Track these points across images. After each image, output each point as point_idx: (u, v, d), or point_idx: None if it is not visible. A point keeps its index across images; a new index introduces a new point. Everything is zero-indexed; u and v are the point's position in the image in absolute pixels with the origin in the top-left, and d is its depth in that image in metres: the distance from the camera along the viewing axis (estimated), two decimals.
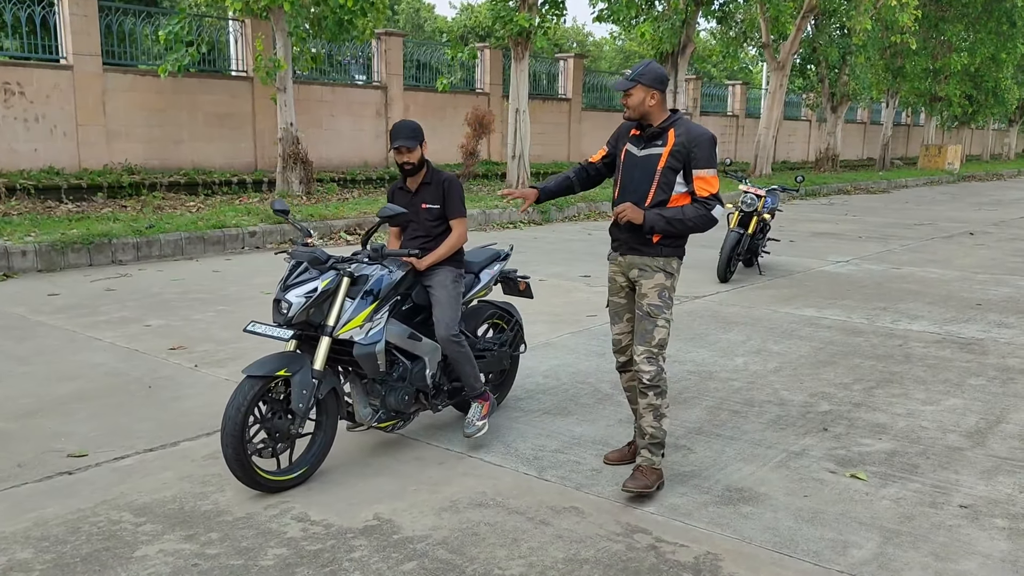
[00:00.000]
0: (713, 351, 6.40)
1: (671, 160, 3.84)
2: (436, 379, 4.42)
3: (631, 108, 3.89)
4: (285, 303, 3.81)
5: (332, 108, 18.75)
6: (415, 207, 4.52)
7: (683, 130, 3.87)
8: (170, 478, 3.92)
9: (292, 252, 4.00)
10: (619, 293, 4.10)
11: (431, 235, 4.54)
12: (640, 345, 3.88)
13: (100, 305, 7.62)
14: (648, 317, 3.88)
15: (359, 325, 3.97)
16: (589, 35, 52.39)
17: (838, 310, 7.93)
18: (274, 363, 3.75)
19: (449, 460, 4.22)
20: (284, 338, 3.82)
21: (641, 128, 3.98)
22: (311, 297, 3.81)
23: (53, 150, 14.63)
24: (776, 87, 24.37)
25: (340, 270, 3.94)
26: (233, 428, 3.58)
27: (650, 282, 3.90)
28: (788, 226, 14.91)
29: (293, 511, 3.61)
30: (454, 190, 4.55)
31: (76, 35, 14.72)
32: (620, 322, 4.13)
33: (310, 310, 3.84)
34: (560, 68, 24.78)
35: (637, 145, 3.99)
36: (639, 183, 3.91)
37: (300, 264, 3.93)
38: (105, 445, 4.31)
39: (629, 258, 3.98)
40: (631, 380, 4.12)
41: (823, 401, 5.26)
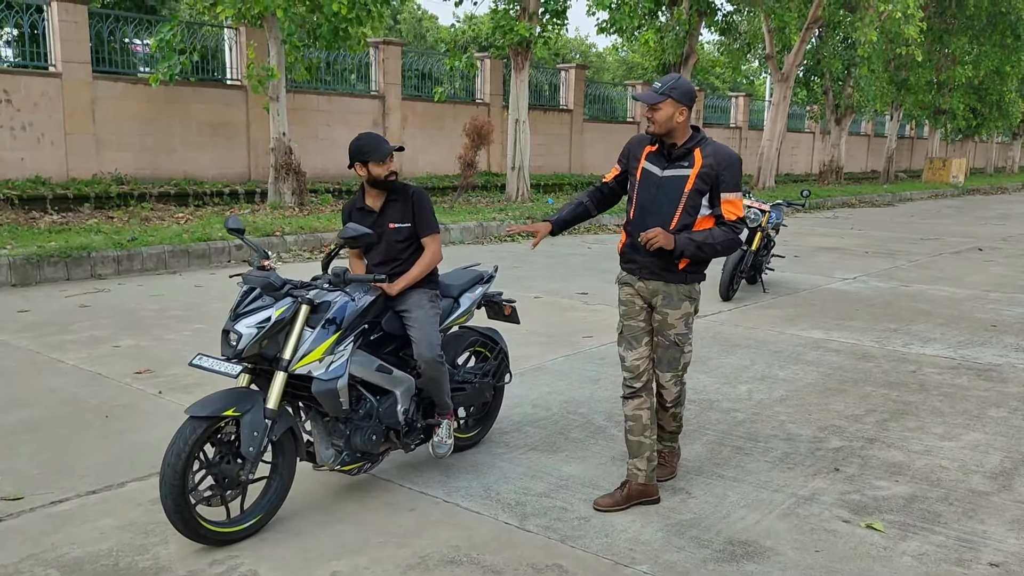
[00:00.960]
0: (715, 377, 6.01)
1: (699, 183, 3.70)
2: (409, 415, 4.02)
3: (658, 123, 3.66)
4: (234, 334, 3.41)
5: (328, 118, 18.42)
6: (381, 228, 4.09)
7: (710, 151, 3.71)
8: (110, 526, 3.53)
9: (244, 276, 3.61)
10: (637, 316, 3.91)
11: (400, 258, 4.12)
12: (668, 372, 3.92)
13: (70, 323, 7.24)
14: (676, 346, 3.88)
15: (318, 359, 3.55)
16: (592, 46, 52.13)
17: (846, 332, 7.54)
18: (221, 402, 3.36)
19: (422, 506, 3.82)
20: (232, 374, 3.42)
21: (661, 145, 3.74)
22: (263, 328, 3.42)
23: (40, 159, 14.29)
24: (780, 99, 24.03)
25: (297, 297, 3.54)
26: (172, 476, 3.19)
27: (676, 312, 3.83)
28: (792, 240, 14.52)
29: (241, 568, 3.22)
30: (424, 204, 4.14)
31: (65, 42, 14.41)
32: (639, 347, 3.89)
33: (263, 342, 3.45)
34: (562, 79, 24.45)
35: (658, 164, 3.77)
36: (663, 205, 3.73)
37: (252, 290, 3.54)
38: (45, 486, 3.92)
39: (653, 285, 3.83)
40: (639, 408, 3.89)
41: (833, 436, 4.87)
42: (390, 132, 19.45)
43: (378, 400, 3.89)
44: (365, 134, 4.11)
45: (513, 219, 14.77)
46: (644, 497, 3.88)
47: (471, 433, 4.56)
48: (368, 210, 4.14)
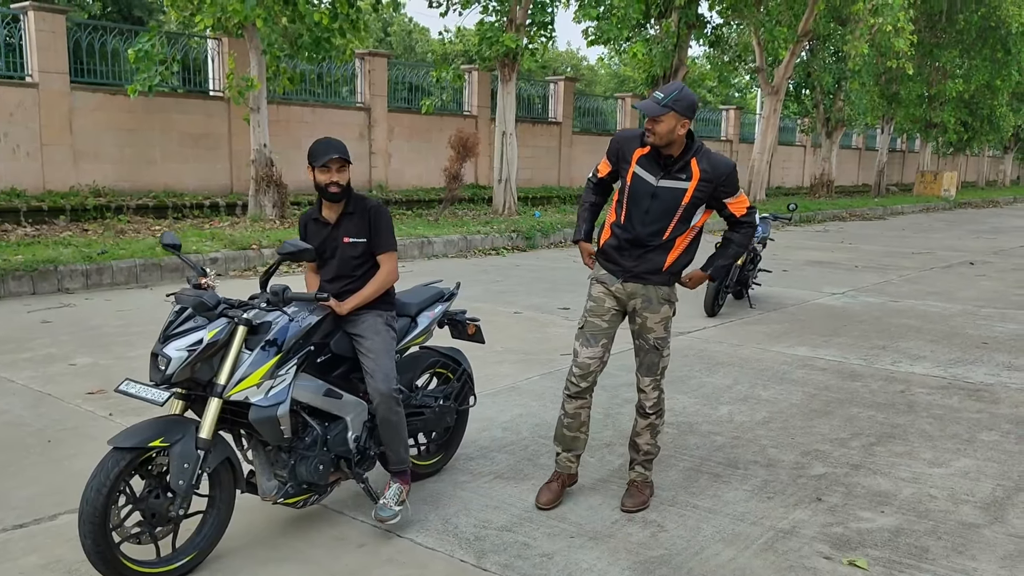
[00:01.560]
0: (695, 398, 5.76)
1: (696, 195, 3.66)
2: (361, 443, 3.75)
3: (658, 135, 3.54)
4: (163, 358, 3.13)
5: (313, 129, 18.13)
6: (335, 242, 3.82)
7: (706, 164, 3.66)
8: (32, 565, 3.26)
9: (176, 295, 3.34)
10: (603, 316, 3.85)
11: (355, 275, 3.83)
12: (647, 376, 3.90)
13: (29, 339, 6.96)
14: (655, 350, 3.86)
15: (256, 384, 3.27)
16: (584, 59, 52.13)
17: (834, 349, 7.30)
18: (148, 431, 3.09)
19: (373, 541, 3.55)
20: (158, 402, 3.15)
21: (655, 152, 3.62)
22: (195, 351, 3.14)
23: (15, 170, 14.00)
24: (770, 112, 23.88)
25: (233, 317, 3.28)
26: (92, 513, 2.91)
27: (656, 316, 3.82)
28: (782, 254, 14.31)
29: None
30: (382, 220, 3.85)
31: (42, 51, 14.16)
32: (595, 346, 3.85)
33: (195, 366, 3.18)
34: (551, 91, 24.29)
35: (652, 172, 3.66)
36: (657, 215, 3.68)
37: (185, 310, 3.27)
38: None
39: (631, 286, 3.79)
40: (580, 408, 3.92)
41: (817, 462, 4.62)
42: (376, 144, 19.25)
43: (326, 427, 3.63)
44: (325, 138, 3.83)
45: (499, 232, 14.54)
46: (573, 483, 4.07)
47: (432, 460, 4.30)
48: (323, 222, 3.86)
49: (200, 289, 3.45)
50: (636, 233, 3.72)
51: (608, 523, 3.77)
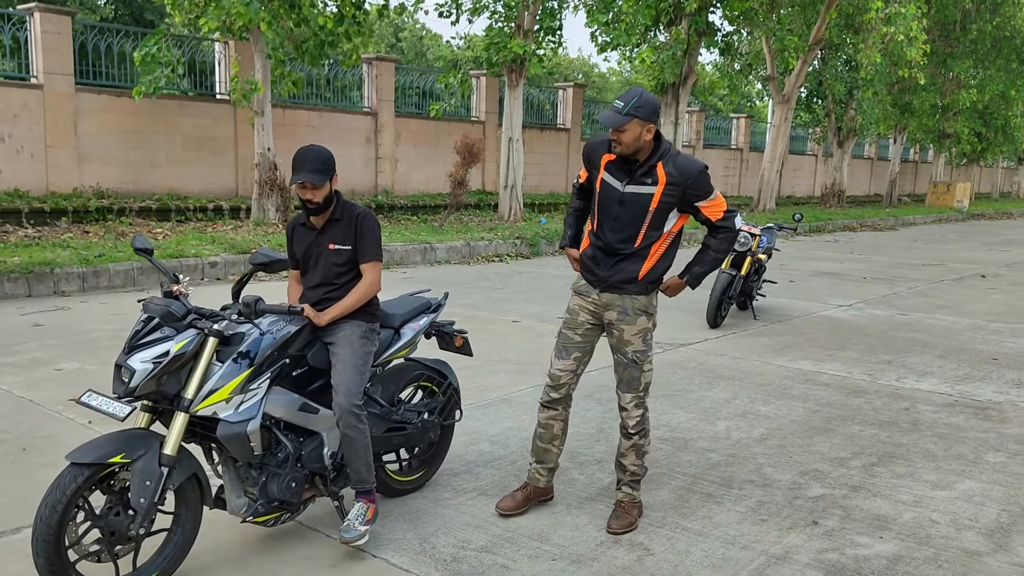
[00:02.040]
0: (692, 413, 5.59)
1: (664, 200, 3.55)
2: (338, 459, 3.60)
3: (625, 145, 3.46)
4: (126, 370, 3.00)
5: (319, 134, 18.06)
6: (320, 247, 3.68)
7: (672, 168, 3.55)
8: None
9: (144, 304, 3.20)
10: (577, 329, 3.78)
11: (337, 283, 3.68)
12: (628, 393, 3.77)
13: (17, 343, 6.86)
14: (635, 364, 3.73)
15: (225, 398, 3.13)
16: (595, 66, 52.03)
17: (838, 363, 7.12)
18: (109, 446, 2.95)
19: (346, 561, 3.40)
20: (119, 416, 3.00)
21: (622, 157, 3.52)
22: (160, 363, 3.00)
23: (19, 172, 13.94)
24: (781, 120, 23.70)
25: (203, 329, 3.13)
26: (46, 532, 2.78)
27: (632, 328, 3.69)
28: (789, 264, 14.12)
29: None
30: (368, 228, 3.68)
31: (48, 53, 14.10)
32: (567, 358, 3.79)
33: (161, 378, 3.04)
34: (560, 97, 24.16)
35: (618, 178, 3.57)
36: (627, 222, 3.59)
37: (152, 319, 3.13)
38: None
39: (607, 297, 3.69)
40: (553, 419, 3.86)
41: (814, 482, 4.44)
42: (382, 149, 19.15)
43: (301, 442, 3.48)
44: (306, 148, 3.65)
45: (503, 239, 14.40)
46: (542, 496, 3.97)
47: (414, 476, 4.14)
48: (310, 227, 3.72)
49: (172, 297, 3.31)
50: (607, 241, 3.65)
51: (593, 545, 3.61)
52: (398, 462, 4.14)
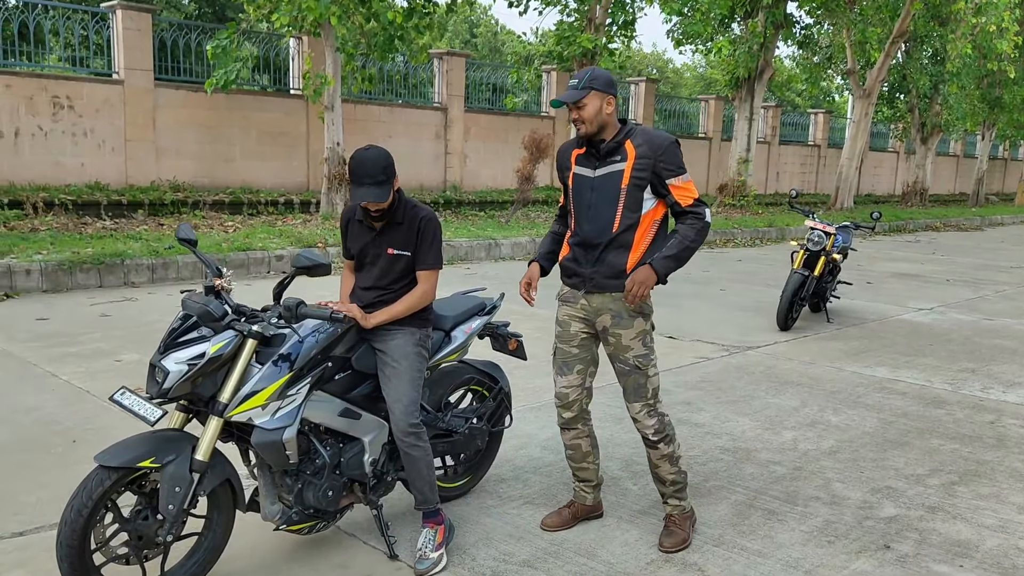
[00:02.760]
0: (757, 421, 5.31)
1: (635, 176, 3.33)
2: (378, 466, 3.45)
3: (588, 121, 3.29)
4: (160, 371, 2.87)
5: (390, 128, 18.14)
6: (378, 249, 3.46)
7: (641, 140, 3.35)
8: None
9: (183, 301, 3.08)
10: (571, 341, 3.55)
11: (393, 288, 3.47)
12: (637, 402, 3.49)
13: (83, 333, 6.96)
14: (637, 371, 3.45)
15: (261, 404, 2.98)
16: (669, 61, 51.27)
17: (916, 371, 6.72)
18: (139, 448, 2.84)
19: (378, 571, 3.26)
20: (149, 420, 2.88)
21: (590, 144, 3.35)
22: (195, 366, 2.86)
23: (100, 165, 14.32)
24: (861, 116, 22.87)
25: (241, 331, 2.98)
26: (70, 536, 2.70)
27: (630, 331, 3.43)
28: (867, 265, 13.56)
29: None
30: (429, 234, 3.43)
31: (129, 49, 14.44)
32: (569, 373, 3.57)
33: (195, 380, 2.92)
34: (632, 92, 23.79)
35: (589, 165, 3.39)
36: (600, 208, 3.37)
37: (189, 317, 3.01)
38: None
39: (597, 300, 3.44)
40: (576, 438, 3.66)
41: (888, 501, 4.14)
42: (452, 144, 19.11)
43: (341, 448, 3.33)
44: (363, 150, 3.35)
45: None
46: (590, 513, 3.79)
47: (459, 482, 3.98)
48: (368, 226, 3.49)
49: (213, 291, 3.18)
50: (585, 232, 3.42)
51: (642, 564, 3.40)
52: (443, 468, 3.98)
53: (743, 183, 20.99)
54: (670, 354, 6.94)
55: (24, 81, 13.55)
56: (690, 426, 5.16)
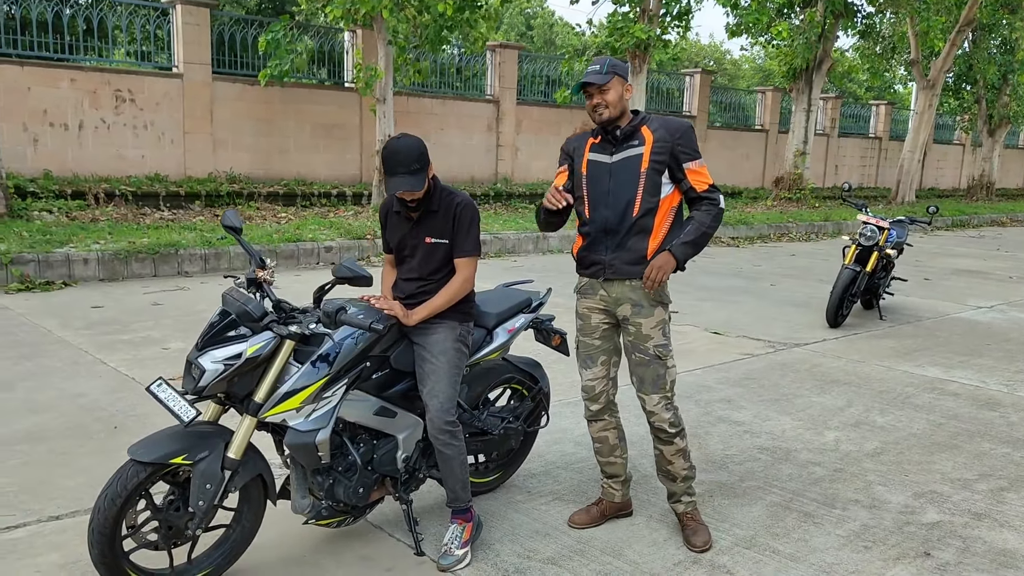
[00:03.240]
0: (799, 420, 5.19)
1: (654, 159, 3.35)
2: (411, 463, 3.43)
3: (611, 105, 3.32)
4: (197, 368, 2.86)
5: (442, 121, 18.21)
6: (416, 240, 3.42)
7: (658, 125, 3.40)
8: (50, 564, 3.15)
9: (224, 296, 3.07)
10: (593, 334, 3.55)
11: (434, 278, 3.42)
12: (655, 394, 3.45)
13: (134, 321, 7.12)
14: (657, 360, 3.44)
15: (296, 407, 2.97)
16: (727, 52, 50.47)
17: (971, 371, 6.50)
18: (172, 444, 2.85)
19: (401, 564, 3.26)
20: (183, 419, 2.86)
21: (605, 133, 3.37)
22: (231, 366, 2.86)
23: (160, 157, 14.65)
24: (924, 107, 22.23)
25: (279, 333, 2.95)
26: (102, 524, 2.74)
27: (650, 320, 3.43)
28: (926, 261, 13.19)
29: None
30: (466, 219, 3.37)
31: (188, 44, 14.72)
32: (594, 366, 3.57)
33: (232, 380, 2.91)
34: (687, 84, 23.48)
35: (605, 152, 3.39)
36: (619, 191, 3.36)
37: (228, 314, 2.99)
38: (10, 506, 3.61)
39: (616, 288, 3.43)
40: (604, 430, 3.65)
41: (931, 506, 4.01)
42: (503, 137, 19.10)
43: (375, 444, 3.32)
44: (396, 139, 3.31)
45: None
46: (619, 511, 3.75)
47: (490, 478, 3.95)
48: (405, 216, 3.45)
49: (255, 283, 3.17)
50: (605, 218, 3.39)
51: (670, 564, 3.34)
52: (475, 464, 3.95)
53: (800, 176, 20.58)
54: (714, 351, 6.82)
55: (88, 75, 13.92)
56: (729, 424, 5.06)
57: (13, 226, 10.10)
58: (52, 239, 9.38)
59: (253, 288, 3.12)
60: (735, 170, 24.24)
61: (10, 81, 13.12)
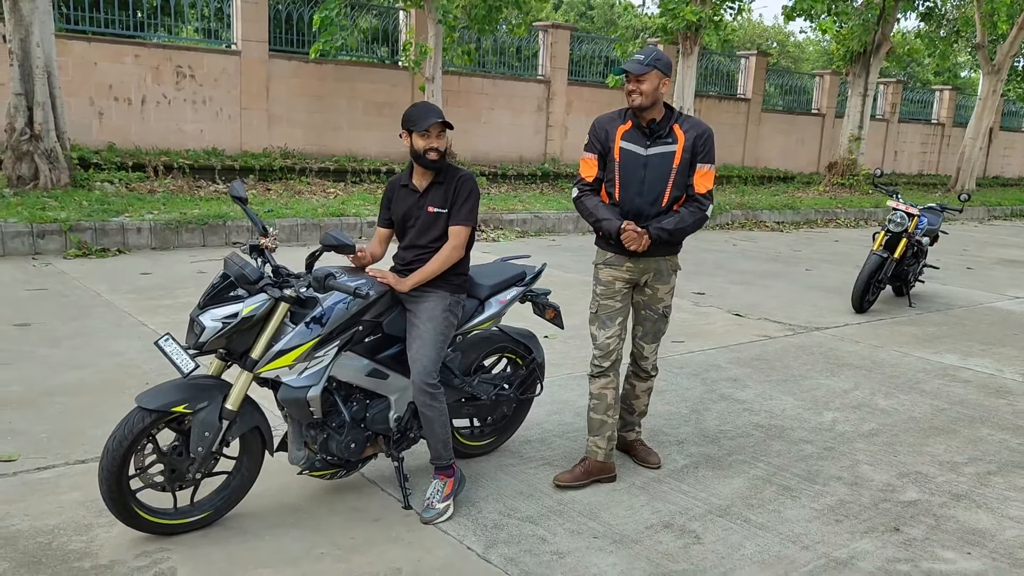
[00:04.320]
0: (801, 400, 5.30)
1: (684, 158, 3.70)
2: (403, 423, 3.67)
3: (644, 95, 3.61)
4: (198, 325, 3.15)
5: (492, 101, 18.39)
6: (419, 210, 3.66)
7: (689, 126, 3.74)
8: (71, 501, 3.48)
9: (226, 259, 3.35)
10: (615, 297, 3.89)
11: (432, 247, 3.65)
12: (653, 343, 4.04)
13: (178, 288, 7.50)
14: (664, 318, 4.00)
15: (289, 364, 3.24)
16: (791, 35, 49.46)
17: (989, 360, 6.50)
18: (174, 394, 3.14)
19: (389, 516, 3.51)
20: (183, 371, 3.16)
21: (637, 122, 3.66)
22: (229, 324, 3.13)
23: (218, 132, 15.14)
24: (988, 93, 21.61)
25: (272, 295, 3.20)
26: (111, 464, 3.04)
27: (666, 286, 3.93)
28: (974, 250, 12.98)
29: (162, 565, 3.04)
30: (465, 191, 3.64)
31: (246, 22, 15.13)
32: (612, 326, 3.90)
33: (230, 337, 3.19)
34: (742, 66, 23.21)
35: (638, 142, 3.68)
36: (651, 183, 3.70)
37: (228, 277, 3.25)
38: (43, 450, 3.95)
39: (643, 262, 3.83)
40: (606, 388, 3.93)
41: (912, 486, 4.11)
42: (553, 117, 19.20)
43: (367, 404, 3.58)
44: (420, 103, 3.75)
45: None
46: (603, 474, 3.95)
47: (484, 442, 4.18)
48: (412, 188, 3.70)
49: (258, 250, 3.44)
50: (635, 205, 3.73)
51: (641, 527, 3.52)
52: (470, 428, 4.18)
53: (853, 161, 20.25)
54: (732, 332, 6.93)
55: (151, 51, 14.43)
56: (730, 401, 5.20)
57: (75, 195, 10.63)
58: (109, 209, 9.86)
59: (256, 254, 3.38)
60: (789, 155, 23.93)
61: (78, 56, 13.70)
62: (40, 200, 10.02)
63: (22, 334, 5.84)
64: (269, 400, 3.58)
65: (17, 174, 10.80)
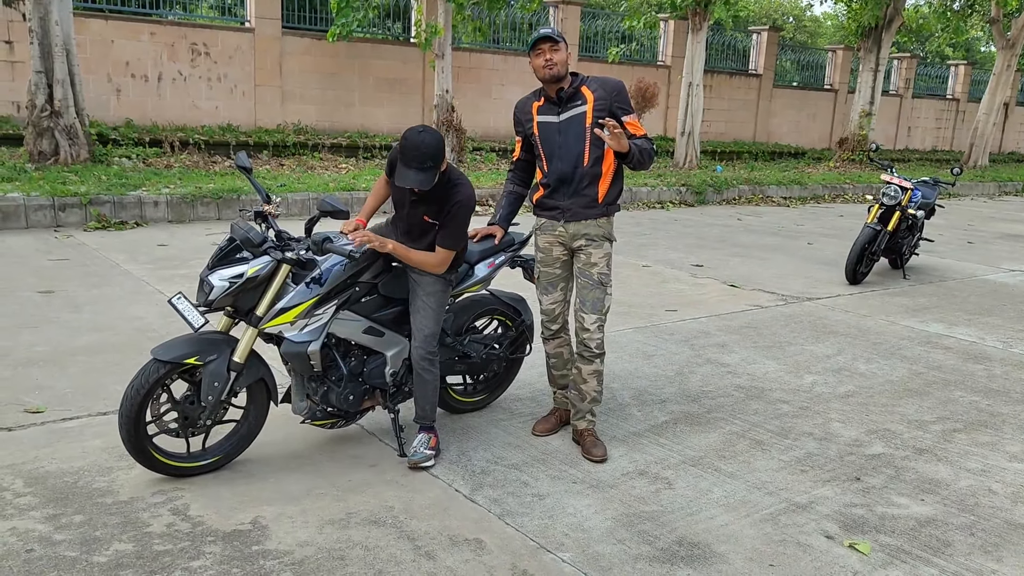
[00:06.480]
0: (783, 365, 5.55)
1: (596, 115, 3.79)
2: (399, 378, 3.96)
3: (560, 63, 3.78)
4: (207, 284, 3.45)
5: (502, 77, 18.57)
6: (415, 210, 3.79)
7: (596, 85, 3.86)
8: (95, 448, 3.79)
9: (232, 224, 3.66)
10: (555, 264, 4.07)
11: (421, 241, 3.81)
12: (592, 314, 3.95)
13: (193, 259, 7.81)
14: (600, 286, 3.96)
15: (290, 320, 3.54)
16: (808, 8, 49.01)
17: (973, 328, 6.71)
18: (186, 347, 3.45)
19: (385, 463, 3.81)
20: (193, 326, 3.49)
21: (546, 96, 3.87)
22: (235, 284, 3.43)
23: (232, 108, 15.44)
24: (1002, 68, 21.56)
25: (275, 257, 3.48)
26: (129, 410, 3.35)
27: (599, 252, 3.96)
28: (979, 225, 13.11)
29: (176, 502, 3.35)
30: (456, 219, 3.71)
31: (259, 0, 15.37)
32: (554, 292, 4.12)
33: (236, 295, 3.48)
34: (753, 41, 23.22)
35: (552, 113, 3.88)
36: (569, 147, 3.85)
37: (234, 240, 3.55)
38: (68, 403, 4.27)
39: (574, 226, 3.94)
40: (559, 347, 4.22)
41: (879, 441, 4.36)
42: None
43: (365, 360, 3.87)
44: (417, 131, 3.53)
45: (667, 186, 14.31)
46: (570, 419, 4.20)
47: (475, 398, 4.47)
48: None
49: (261, 216, 3.73)
50: (560, 170, 3.87)
51: (618, 475, 3.80)
52: (463, 385, 4.47)
53: (864, 137, 20.31)
54: (725, 302, 7.18)
55: (166, 29, 14.72)
56: (715, 365, 5.46)
57: (94, 170, 10.97)
58: (127, 183, 10.19)
59: (260, 220, 3.67)
60: (801, 130, 23.97)
61: (96, 34, 14.00)
62: (61, 175, 10.36)
63: (47, 300, 6.17)
64: (276, 360, 3.87)
65: (38, 149, 11.14)
